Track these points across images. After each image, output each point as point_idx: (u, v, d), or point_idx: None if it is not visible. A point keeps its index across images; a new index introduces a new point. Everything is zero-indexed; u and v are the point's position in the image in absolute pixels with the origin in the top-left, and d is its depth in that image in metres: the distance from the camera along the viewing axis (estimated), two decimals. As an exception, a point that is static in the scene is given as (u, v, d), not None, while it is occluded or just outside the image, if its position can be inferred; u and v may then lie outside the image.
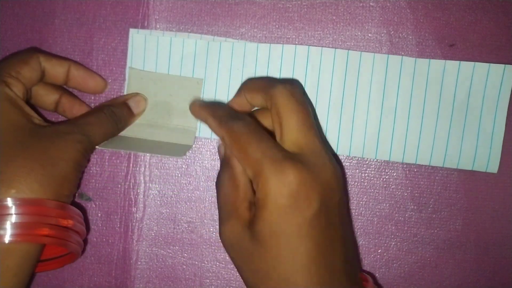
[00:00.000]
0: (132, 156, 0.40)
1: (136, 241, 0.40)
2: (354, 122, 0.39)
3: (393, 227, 0.40)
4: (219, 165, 0.40)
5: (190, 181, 0.40)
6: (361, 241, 0.40)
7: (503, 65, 0.38)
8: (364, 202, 0.40)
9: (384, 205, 0.40)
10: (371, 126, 0.39)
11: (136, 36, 0.40)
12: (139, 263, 0.40)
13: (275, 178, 0.29)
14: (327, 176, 0.31)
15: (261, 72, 0.39)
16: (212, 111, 0.34)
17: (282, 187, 0.29)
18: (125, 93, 0.40)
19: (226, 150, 0.34)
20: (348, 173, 0.40)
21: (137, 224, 0.40)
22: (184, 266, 0.40)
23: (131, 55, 0.40)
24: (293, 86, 0.33)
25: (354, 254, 0.34)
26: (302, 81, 0.39)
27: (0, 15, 0.39)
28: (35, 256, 0.32)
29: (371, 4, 0.39)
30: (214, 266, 0.40)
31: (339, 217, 0.31)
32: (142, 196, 0.40)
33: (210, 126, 0.34)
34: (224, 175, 0.34)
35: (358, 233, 0.40)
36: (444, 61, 0.38)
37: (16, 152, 0.32)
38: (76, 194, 0.40)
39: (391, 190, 0.40)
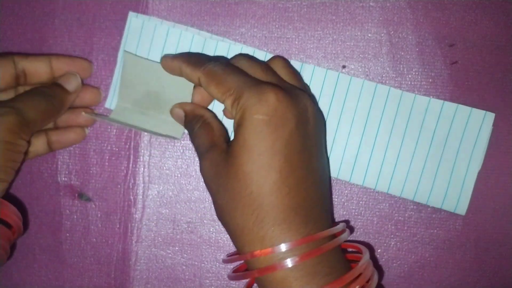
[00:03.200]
0: (131, 157, 0.40)
1: (135, 241, 0.40)
2: (334, 143, 0.39)
3: (393, 227, 0.40)
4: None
5: (189, 182, 0.40)
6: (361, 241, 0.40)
7: (484, 111, 0.38)
8: (364, 202, 0.40)
9: (384, 205, 0.40)
10: (350, 150, 0.39)
11: (134, 20, 0.39)
12: (138, 263, 0.40)
13: (255, 97, 0.30)
14: (304, 103, 0.32)
15: None
16: (185, 59, 0.35)
17: (260, 105, 0.30)
18: (115, 77, 0.40)
19: (186, 107, 0.36)
20: (348, 173, 0.40)
21: (136, 224, 0.40)
22: (184, 267, 0.40)
23: (125, 38, 0.40)
24: (248, 55, 0.36)
25: (330, 192, 0.34)
26: None
27: (0, 15, 0.39)
28: None
29: (371, 4, 0.39)
30: (214, 266, 0.40)
31: (315, 147, 0.32)
32: (141, 197, 0.40)
33: (184, 73, 0.35)
34: (196, 124, 0.35)
35: (358, 233, 0.40)
36: (429, 98, 0.39)
37: None
38: (76, 194, 0.40)
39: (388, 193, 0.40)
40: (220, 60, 0.34)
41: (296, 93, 0.32)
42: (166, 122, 0.39)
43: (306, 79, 0.39)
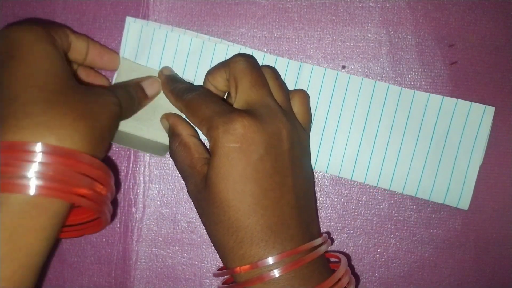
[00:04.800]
0: (132, 156, 0.40)
1: (136, 241, 0.40)
2: (335, 141, 0.39)
3: (393, 227, 0.40)
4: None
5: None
6: (360, 240, 0.40)
7: (484, 105, 0.38)
8: (363, 202, 0.40)
9: (383, 204, 0.40)
10: (351, 147, 0.39)
11: (132, 25, 0.39)
12: (138, 263, 0.40)
13: (223, 127, 0.31)
14: (275, 126, 0.32)
15: None
16: (171, 88, 0.37)
17: (228, 134, 0.31)
18: (113, 83, 0.39)
19: (170, 119, 0.37)
20: (348, 173, 0.40)
21: (137, 224, 0.40)
22: (184, 266, 0.40)
23: (124, 44, 0.39)
24: (248, 55, 0.37)
25: (310, 207, 0.35)
26: None
27: (0, 15, 0.39)
28: (63, 218, 0.30)
29: (370, 4, 0.39)
30: (214, 266, 0.40)
31: (290, 168, 0.32)
32: (141, 196, 0.40)
33: (170, 101, 0.37)
34: (174, 144, 0.36)
35: (358, 232, 0.40)
36: (428, 94, 0.39)
37: (60, 98, 0.29)
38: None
39: (390, 189, 0.40)
40: (198, 89, 0.36)
41: (269, 115, 0.32)
42: (160, 129, 0.39)
43: (305, 79, 0.39)
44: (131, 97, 0.36)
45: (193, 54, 0.39)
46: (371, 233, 0.40)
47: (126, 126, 0.39)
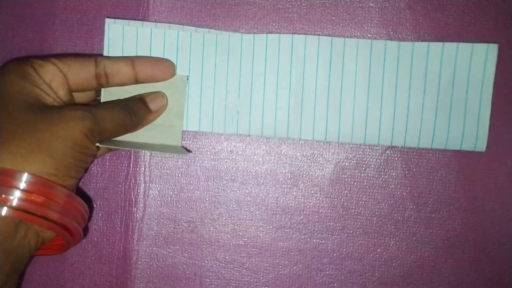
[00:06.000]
0: (132, 157, 0.40)
1: (136, 240, 0.40)
2: (341, 110, 0.39)
3: (392, 227, 0.40)
4: (219, 165, 0.40)
5: (190, 181, 0.40)
6: (360, 240, 0.40)
7: (486, 44, 0.38)
8: (363, 202, 0.40)
9: (383, 204, 0.40)
10: (358, 112, 0.39)
11: (112, 27, 0.38)
12: (139, 262, 0.40)
13: None
14: None
15: (246, 63, 0.39)
16: None
17: None
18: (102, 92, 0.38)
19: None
20: (348, 173, 0.40)
21: (137, 224, 0.40)
22: (184, 266, 0.41)
23: (107, 49, 0.38)
24: None
25: None
26: (287, 71, 0.39)
27: (1, 15, 0.39)
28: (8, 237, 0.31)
29: (370, 4, 0.39)
30: (214, 265, 0.40)
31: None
32: (142, 196, 0.40)
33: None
34: None
35: (358, 232, 0.40)
36: (427, 43, 0.38)
37: (14, 128, 0.31)
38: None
39: (390, 190, 0.40)
40: None
41: None
42: (162, 129, 0.39)
43: (300, 50, 0.39)
44: (130, 111, 0.36)
45: (183, 48, 0.39)
46: (371, 233, 0.40)
47: (137, 136, 0.38)
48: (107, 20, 0.38)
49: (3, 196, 0.29)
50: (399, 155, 0.40)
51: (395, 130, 0.39)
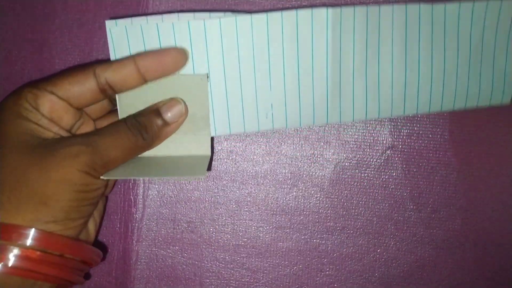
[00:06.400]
0: (132, 156, 0.40)
1: (136, 241, 0.40)
2: (380, 84, 0.37)
3: (392, 227, 0.40)
4: (219, 165, 0.40)
5: (189, 182, 0.40)
6: (360, 240, 0.40)
7: None
8: (363, 202, 0.40)
9: (383, 205, 0.40)
10: (397, 83, 0.37)
11: (115, 30, 0.33)
12: (139, 263, 0.40)
13: None
14: None
15: (275, 47, 0.34)
16: None
17: None
18: (117, 103, 0.34)
19: None
20: (348, 173, 0.40)
21: (136, 224, 0.40)
22: (184, 266, 0.41)
23: (113, 55, 0.34)
24: None
25: None
26: (323, 50, 0.35)
27: (0, 15, 0.39)
28: None
29: (370, 4, 0.39)
30: (214, 266, 0.40)
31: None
32: (141, 197, 0.40)
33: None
34: None
35: (358, 233, 0.40)
36: (458, 3, 0.37)
37: (5, 177, 0.29)
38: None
39: (390, 190, 0.40)
40: None
41: None
42: (188, 138, 0.35)
43: (336, 25, 0.35)
44: (140, 129, 0.32)
45: (197, 39, 0.34)
46: (371, 233, 0.40)
47: (159, 150, 0.35)
48: (107, 23, 0.33)
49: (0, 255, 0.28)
50: (399, 155, 0.40)
51: (433, 97, 0.37)
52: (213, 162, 0.40)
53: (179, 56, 0.33)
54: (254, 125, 0.36)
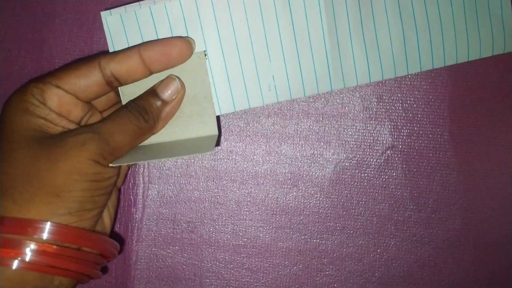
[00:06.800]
0: (132, 156, 0.40)
1: (135, 241, 0.40)
2: (379, 43, 0.36)
3: (393, 227, 0.40)
4: (218, 165, 0.40)
5: (189, 181, 0.40)
6: (360, 241, 0.40)
7: None
8: (363, 202, 0.40)
9: (383, 205, 0.40)
10: (396, 41, 0.36)
11: (110, 20, 0.34)
12: (139, 263, 0.40)
13: None
14: None
15: (269, 17, 0.34)
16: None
17: None
18: (120, 92, 0.35)
19: None
20: (348, 173, 0.40)
21: (136, 224, 0.40)
22: (184, 266, 0.40)
23: (111, 44, 0.34)
24: None
25: None
26: (317, 16, 0.35)
27: (0, 15, 0.39)
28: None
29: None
30: (214, 266, 0.40)
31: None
32: (141, 197, 0.40)
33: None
34: None
35: (358, 233, 0.40)
36: None
37: (16, 172, 0.29)
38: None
39: (390, 190, 0.40)
40: None
41: None
42: (192, 120, 0.34)
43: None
44: (140, 111, 0.32)
45: (191, 17, 0.34)
46: (371, 233, 0.40)
47: (165, 136, 0.34)
48: (103, 14, 0.34)
49: (16, 250, 0.28)
50: (399, 155, 0.40)
51: (434, 53, 0.37)
52: (213, 162, 0.40)
53: (185, 46, 0.33)
54: (258, 99, 0.36)
